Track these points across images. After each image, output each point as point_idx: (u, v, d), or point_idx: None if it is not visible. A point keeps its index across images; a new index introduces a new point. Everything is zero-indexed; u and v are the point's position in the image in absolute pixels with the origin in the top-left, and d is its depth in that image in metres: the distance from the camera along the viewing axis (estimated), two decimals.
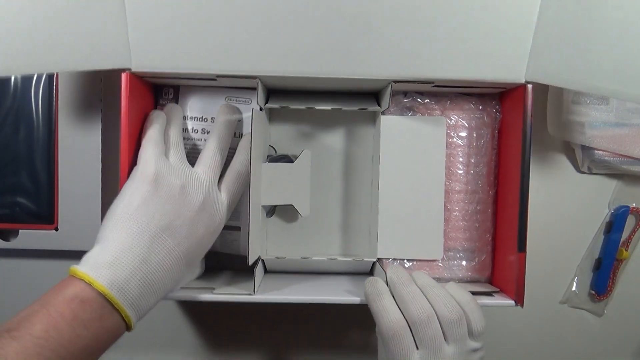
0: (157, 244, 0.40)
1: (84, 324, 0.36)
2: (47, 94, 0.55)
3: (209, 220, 0.44)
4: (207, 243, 0.46)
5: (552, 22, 0.45)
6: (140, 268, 0.39)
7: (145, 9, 0.44)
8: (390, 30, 0.45)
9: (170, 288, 0.42)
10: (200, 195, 0.44)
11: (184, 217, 0.42)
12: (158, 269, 0.40)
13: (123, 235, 0.39)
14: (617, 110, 0.58)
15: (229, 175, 0.49)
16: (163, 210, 0.41)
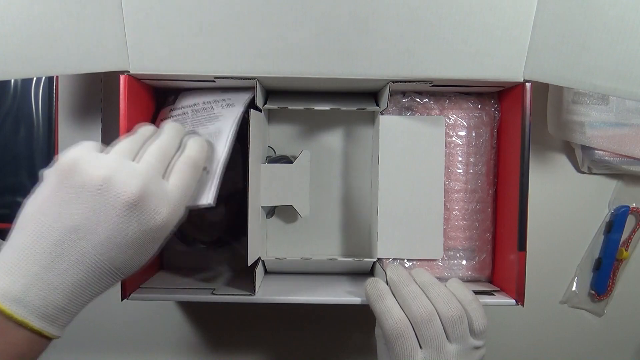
0: (64, 247, 0.34)
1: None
2: (47, 94, 0.55)
3: (146, 217, 0.36)
4: (148, 242, 0.37)
5: (549, 20, 0.45)
6: (42, 276, 0.33)
7: (143, 12, 0.45)
8: (388, 30, 0.45)
9: (101, 287, 0.36)
10: (132, 188, 0.35)
11: (104, 214, 0.35)
12: (68, 276, 0.34)
13: (23, 238, 0.34)
14: (617, 110, 0.58)
15: (180, 163, 0.40)
16: (74, 208, 0.35)
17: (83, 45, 0.44)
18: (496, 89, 0.53)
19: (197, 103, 0.52)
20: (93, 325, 0.61)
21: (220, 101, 0.52)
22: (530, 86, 0.47)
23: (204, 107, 0.52)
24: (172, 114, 0.52)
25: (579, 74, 0.45)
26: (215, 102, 0.52)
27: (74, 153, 0.37)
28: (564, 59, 0.45)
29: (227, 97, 0.52)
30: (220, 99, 0.52)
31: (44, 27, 0.43)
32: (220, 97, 0.52)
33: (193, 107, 0.52)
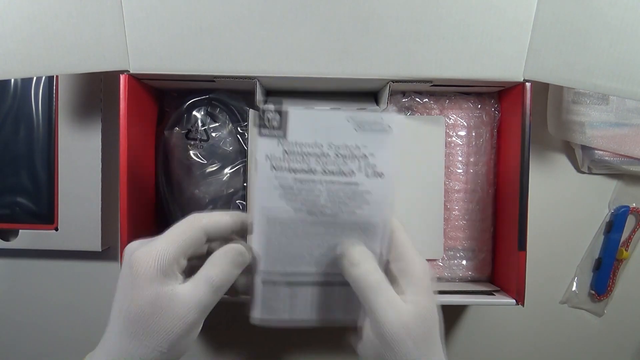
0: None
1: None
2: (47, 94, 0.55)
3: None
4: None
5: (549, 20, 0.45)
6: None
7: (143, 11, 0.45)
8: (388, 30, 0.45)
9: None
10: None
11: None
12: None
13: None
14: (617, 110, 0.58)
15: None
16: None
17: (83, 45, 0.44)
18: (496, 89, 0.53)
19: (320, 143, 0.38)
20: (95, 326, 0.61)
21: (355, 151, 0.38)
22: (530, 86, 0.47)
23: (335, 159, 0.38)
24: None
25: (579, 74, 0.45)
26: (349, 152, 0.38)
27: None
28: (564, 58, 0.45)
29: (364, 141, 0.37)
30: (354, 145, 0.37)
31: (44, 27, 0.43)
32: (353, 140, 0.37)
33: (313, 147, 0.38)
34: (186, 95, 0.55)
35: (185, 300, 0.35)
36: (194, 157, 0.54)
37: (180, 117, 0.55)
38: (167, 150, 0.55)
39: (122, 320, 0.35)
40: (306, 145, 0.37)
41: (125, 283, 0.35)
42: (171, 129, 0.55)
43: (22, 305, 0.61)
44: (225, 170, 0.54)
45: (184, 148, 0.54)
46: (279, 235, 0.39)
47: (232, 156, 0.54)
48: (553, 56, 0.45)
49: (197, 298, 0.35)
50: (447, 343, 0.63)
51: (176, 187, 0.55)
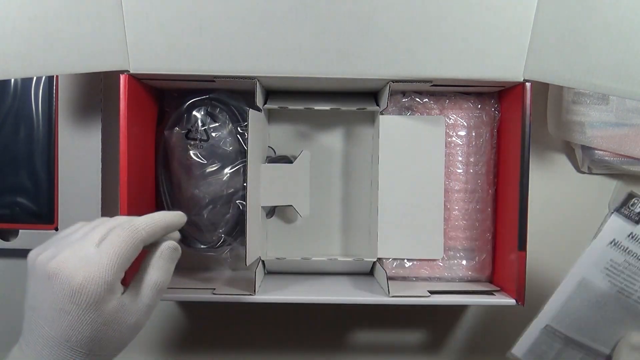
0: (30, 324, 0.36)
1: None
2: (47, 94, 0.55)
3: (63, 283, 0.34)
4: (74, 310, 0.34)
5: (549, 19, 0.45)
6: (25, 351, 0.36)
7: (143, 11, 0.45)
8: (388, 29, 0.45)
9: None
10: (50, 261, 0.35)
11: (40, 291, 0.36)
12: (36, 351, 0.35)
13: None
14: (617, 110, 0.58)
15: (116, 229, 0.37)
16: (30, 290, 0.37)
17: (83, 45, 0.44)
18: (496, 89, 0.53)
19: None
20: None
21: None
22: (530, 86, 0.47)
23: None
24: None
25: (579, 73, 0.45)
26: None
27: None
28: (564, 58, 0.45)
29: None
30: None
31: (44, 27, 0.43)
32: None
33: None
34: (186, 95, 0.55)
35: (135, 310, 0.36)
36: (194, 157, 0.54)
37: (180, 117, 0.55)
38: (167, 150, 0.55)
39: (68, 345, 0.34)
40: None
41: (64, 309, 0.34)
42: (171, 129, 0.55)
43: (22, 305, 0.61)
44: (225, 170, 0.54)
45: (184, 148, 0.54)
46: (581, 299, 0.44)
47: (232, 156, 0.54)
48: (553, 56, 0.45)
49: (146, 304, 0.37)
50: (447, 343, 0.63)
51: (176, 187, 0.55)
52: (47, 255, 0.35)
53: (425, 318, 0.63)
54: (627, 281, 0.44)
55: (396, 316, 0.63)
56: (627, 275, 0.44)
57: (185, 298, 0.49)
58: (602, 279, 0.45)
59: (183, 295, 0.49)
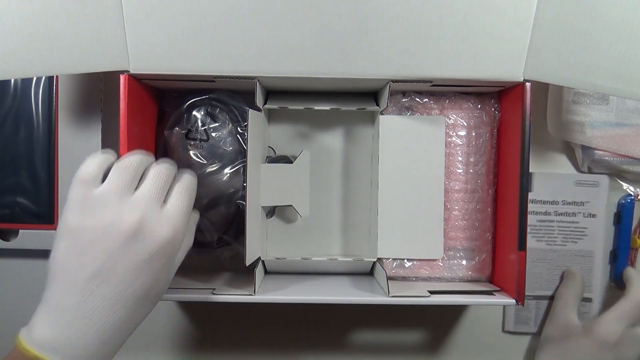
0: (89, 294, 0.37)
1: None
2: (47, 94, 0.55)
3: (151, 241, 0.39)
4: (161, 262, 0.40)
5: (549, 19, 0.45)
6: (72, 324, 0.37)
7: (143, 11, 0.45)
8: (388, 29, 0.45)
9: (135, 322, 0.40)
10: (130, 222, 0.39)
11: (115, 256, 0.38)
12: (96, 319, 0.37)
13: (51, 293, 0.38)
14: (617, 110, 0.59)
15: (177, 187, 0.43)
16: (89, 257, 0.38)
17: (83, 45, 0.44)
18: (496, 89, 0.53)
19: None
20: None
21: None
22: (530, 86, 0.47)
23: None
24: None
25: (579, 73, 0.45)
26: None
27: (76, 208, 0.39)
28: (564, 58, 0.45)
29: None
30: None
31: (44, 27, 0.43)
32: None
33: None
34: (186, 95, 0.55)
35: (183, 253, 0.44)
36: (194, 157, 0.54)
37: (180, 117, 0.55)
38: (167, 150, 0.55)
39: (148, 299, 0.40)
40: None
41: (150, 266, 0.39)
42: (171, 129, 0.55)
43: (22, 305, 0.61)
44: (225, 170, 0.54)
45: (184, 148, 0.54)
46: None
47: (232, 156, 0.54)
48: (553, 56, 0.45)
49: (187, 245, 0.45)
50: (447, 343, 0.63)
51: None
52: (110, 220, 0.39)
53: (425, 318, 0.63)
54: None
55: (396, 316, 0.63)
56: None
57: (185, 298, 0.49)
58: None
59: (183, 296, 0.49)
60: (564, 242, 0.61)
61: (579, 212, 0.60)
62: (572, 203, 0.61)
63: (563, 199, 0.61)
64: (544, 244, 0.61)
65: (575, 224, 0.60)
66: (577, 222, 0.60)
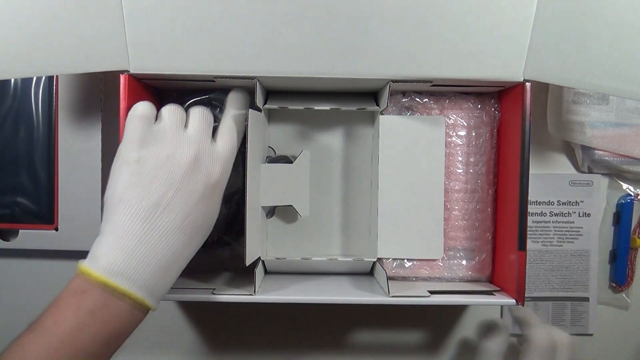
0: (152, 221, 0.39)
1: (89, 313, 0.37)
2: (47, 94, 0.55)
3: (206, 175, 0.43)
4: (213, 197, 0.44)
5: (549, 19, 0.45)
6: (138, 249, 0.38)
7: (143, 11, 0.45)
8: (388, 29, 0.45)
9: (187, 254, 0.42)
10: (189, 154, 0.42)
11: (176, 185, 0.41)
12: (160, 244, 0.39)
13: (115, 223, 0.39)
14: (617, 110, 0.59)
15: (222, 128, 0.47)
16: (151, 187, 0.40)
17: (83, 44, 0.44)
18: (496, 89, 0.53)
19: None
20: None
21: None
22: (530, 86, 0.47)
23: None
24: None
25: (579, 73, 0.45)
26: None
27: (135, 141, 0.42)
28: (564, 58, 0.45)
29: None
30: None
31: (44, 27, 0.43)
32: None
33: None
34: (186, 95, 0.55)
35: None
36: None
37: None
38: None
39: (196, 230, 0.43)
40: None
41: (203, 198, 0.43)
42: None
43: (22, 306, 0.61)
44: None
45: None
46: None
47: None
48: (553, 56, 0.45)
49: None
50: (446, 343, 0.63)
51: None
52: (170, 152, 0.42)
53: (425, 318, 0.63)
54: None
55: (396, 316, 0.63)
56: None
57: (185, 298, 0.49)
58: None
59: (183, 296, 0.49)
60: (560, 243, 0.61)
61: (574, 211, 0.61)
62: (566, 203, 0.61)
63: (558, 199, 0.61)
64: (540, 244, 0.61)
65: (570, 224, 0.61)
66: (572, 222, 0.60)
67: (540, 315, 0.61)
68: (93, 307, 0.37)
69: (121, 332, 0.39)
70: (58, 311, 0.37)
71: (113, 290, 0.37)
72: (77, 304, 0.37)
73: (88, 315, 0.37)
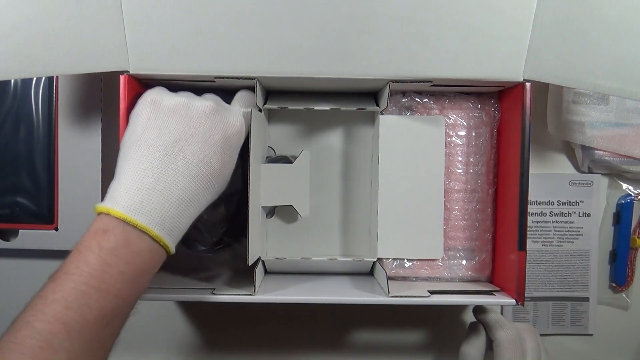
0: (170, 160, 0.39)
1: (112, 252, 0.36)
2: (47, 94, 0.55)
3: (225, 124, 0.43)
4: (230, 148, 0.44)
5: (549, 19, 0.45)
6: (156, 187, 0.38)
7: (143, 12, 0.45)
8: (388, 29, 0.45)
9: (202, 200, 0.42)
10: (207, 104, 0.42)
11: (194, 126, 0.41)
12: (177, 184, 0.39)
13: (133, 162, 0.39)
14: (617, 110, 0.59)
15: (238, 95, 0.49)
16: (169, 126, 0.41)
17: (83, 45, 0.44)
18: (496, 89, 0.53)
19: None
20: None
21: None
22: (530, 86, 0.47)
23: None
24: None
25: (579, 73, 0.45)
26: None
27: (152, 92, 0.44)
28: (564, 58, 0.45)
29: None
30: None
31: (43, 27, 0.43)
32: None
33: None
34: None
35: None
36: None
37: None
38: None
39: (213, 175, 0.43)
40: None
41: (222, 147, 0.43)
42: None
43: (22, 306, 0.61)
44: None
45: None
46: None
47: None
48: (553, 56, 0.45)
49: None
50: (447, 343, 0.63)
51: None
52: (188, 100, 0.43)
53: (425, 318, 0.63)
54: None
55: (396, 316, 0.63)
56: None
57: (185, 298, 0.49)
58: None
59: (182, 296, 0.49)
60: (560, 243, 0.61)
61: (574, 211, 0.61)
62: (566, 203, 0.61)
63: (558, 199, 0.61)
64: (540, 244, 0.61)
65: (570, 224, 0.61)
66: (572, 222, 0.61)
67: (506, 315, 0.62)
68: (115, 246, 0.36)
69: (144, 271, 0.38)
70: (80, 255, 0.36)
71: (133, 228, 0.37)
72: (98, 244, 0.36)
73: (110, 254, 0.36)
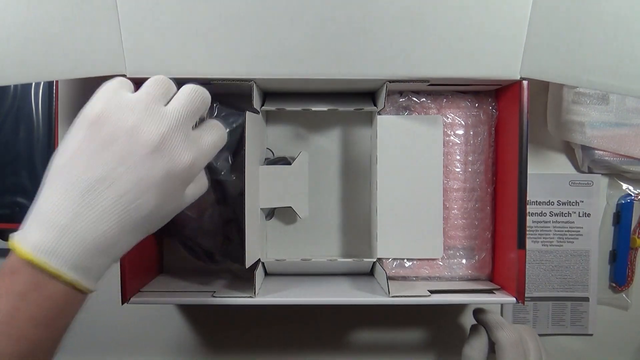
0: (93, 197, 0.34)
1: (21, 296, 0.33)
2: (47, 94, 0.56)
3: (171, 161, 0.36)
4: (173, 186, 0.37)
5: (545, 17, 0.45)
6: (73, 226, 0.33)
7: (139, 15, 0.45)
8: (384, 30, 0.46)
9: (131, 240, 0.37)
10: (156, 132, 0.36)
11: (132, 161, 0.35)
12: (98, 226, 0.34)
13: (53, 191, 0.35)
14: (617, 110, 0.59)
15: (209, 122, 0.41)
16: (102, 158, 0.35)
17: (79, 49, 0.44)
18: (493, 87, 0.53)
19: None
20: (93, 329, 0.61)
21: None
22: (527, 84, 0.47)
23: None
24: None
25: (575, 70, 0.45)
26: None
27: (101, 101, 0.36)
28: (560, 56, 0.45)
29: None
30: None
31: (40, 32, 0.43)
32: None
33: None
34: None
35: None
36: None
37: None
38: None
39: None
40: None
41: (164, 183, 0.36)
42: None
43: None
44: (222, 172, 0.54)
45: None
46: None
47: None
48: (549, 54, 0.45)
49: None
50: (447, 343, 0.63)
51: None
52: (134, 124, 0.35)
53: (425, 318, 0.63)
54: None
55: (396, 316, 0.62)
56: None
57: (185, 301, 0.49)
58: None
59: (183, 299, 0.49)
60: (560, 243, 0.61)
61: (574, 211, 0.61)
62: (566, 203, 0.61)
63: (558, 199, 0.61)
64: (540, 244, 0.61)
65: (570, 224, 0.60)
66: (572, 222, 0.60)
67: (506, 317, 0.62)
68: (24, 289, 0.33)
69: (59, 314, 0.34)
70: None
71: (43, 269, 0.33)
72: (6, 287, 0.33)
73: (19, 298, 0.33)
